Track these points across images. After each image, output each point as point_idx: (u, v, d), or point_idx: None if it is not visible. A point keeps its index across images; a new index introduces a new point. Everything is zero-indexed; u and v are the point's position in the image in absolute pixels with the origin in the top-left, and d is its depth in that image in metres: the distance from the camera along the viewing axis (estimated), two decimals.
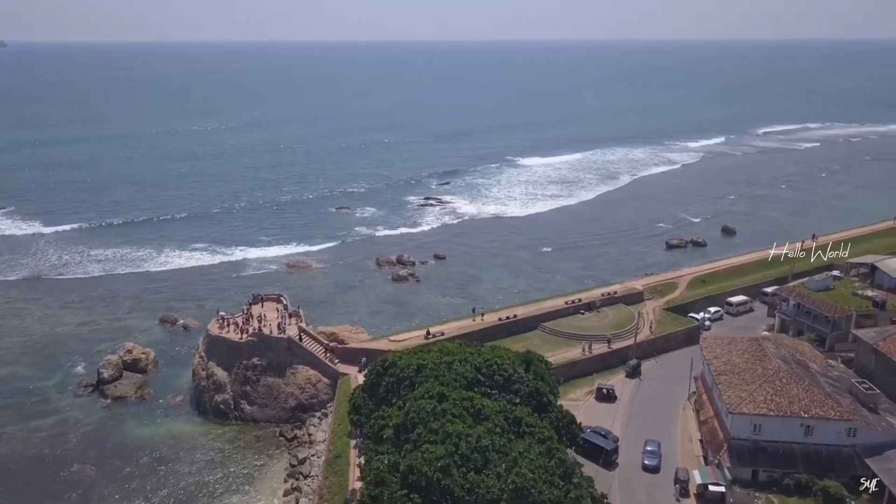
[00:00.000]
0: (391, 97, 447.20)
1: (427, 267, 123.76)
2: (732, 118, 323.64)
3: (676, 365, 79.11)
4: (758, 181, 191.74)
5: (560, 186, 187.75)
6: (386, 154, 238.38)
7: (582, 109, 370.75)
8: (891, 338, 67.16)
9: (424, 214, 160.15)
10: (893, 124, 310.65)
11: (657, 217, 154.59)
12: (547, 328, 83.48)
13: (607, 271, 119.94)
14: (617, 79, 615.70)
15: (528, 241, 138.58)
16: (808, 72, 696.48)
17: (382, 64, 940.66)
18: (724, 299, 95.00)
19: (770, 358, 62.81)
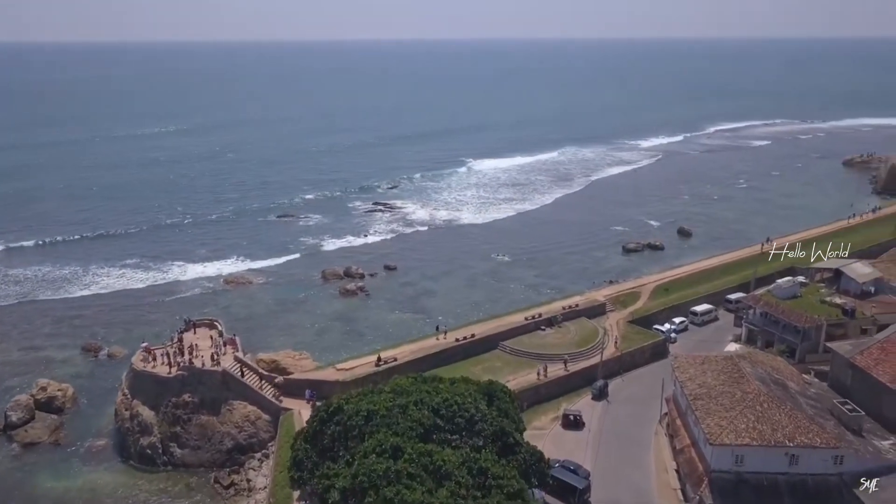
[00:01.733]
0: (349, 99, 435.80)
1: (377, 279, 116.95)
2: (686, 117, 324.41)
3: (644, 383, 74.57)
4: (710, 180, 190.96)
5: (513, 189, 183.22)
6: (336, 158, 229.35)
7: (538, 110, 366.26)
8: (868, 351, 63.72)
9: (373, 221, 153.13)
10: (840, 121, 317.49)
11: (613, 220, 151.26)
12: (507, 347, 77.88)
13: (565, 279, 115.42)
14: (574, 79, 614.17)
15: (482, 248, 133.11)
16: (760, 70, 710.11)
17: (347, 64, 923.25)
18: (689, 308, 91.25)
19: (748, 379, 58.45)
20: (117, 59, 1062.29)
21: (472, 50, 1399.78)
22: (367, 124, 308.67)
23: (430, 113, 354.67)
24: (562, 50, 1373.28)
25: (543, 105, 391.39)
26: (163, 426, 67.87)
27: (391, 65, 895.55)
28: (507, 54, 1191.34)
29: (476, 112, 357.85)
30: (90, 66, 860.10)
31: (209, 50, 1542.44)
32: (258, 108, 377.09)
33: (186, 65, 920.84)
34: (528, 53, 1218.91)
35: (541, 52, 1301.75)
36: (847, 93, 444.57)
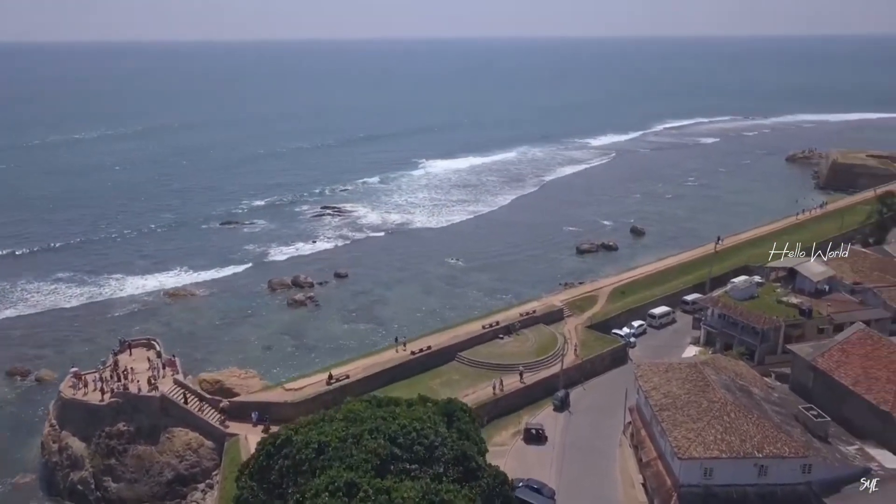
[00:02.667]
0: (305, 100, 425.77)
1: (327, 288, 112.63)
2: (635, 115, 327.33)
3: (606, 391, 72.76)
4: (661, 178, 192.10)
5: (465, 191, 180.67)
6: (284, 162, 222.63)
7: (494, 109, 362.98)
8: (828, 353, 63.04)
9: (322, 226, 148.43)
10: (781, 117, 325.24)
11: (566, 220, 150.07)
12: (465, 359, 74.96)
13: (520, 282, 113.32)
14: (528, 78, 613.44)
15: (435, 252, 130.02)
16: (704, 67, 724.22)
17: (313, 63, 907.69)
18: (647, 311, 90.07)
19: (713, 388, 56.85)
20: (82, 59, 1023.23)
21: (439, 49, 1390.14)
22: (320, 126, 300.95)
23: (386, 114, 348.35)
24: (522, 49, 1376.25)
25: (500, 104, 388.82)
26: (95, 459, 62.62)
27: (355, 65, 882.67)
28: (473, 53, 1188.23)
29: (433, 112, 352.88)
30: (47, 66, 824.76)
31: (178, 49, 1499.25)
32: (209, 111, 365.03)
33: (151, 64, 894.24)
34: (493, 52, 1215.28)
35: (505, 50, 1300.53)
36: (787, 89, 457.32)
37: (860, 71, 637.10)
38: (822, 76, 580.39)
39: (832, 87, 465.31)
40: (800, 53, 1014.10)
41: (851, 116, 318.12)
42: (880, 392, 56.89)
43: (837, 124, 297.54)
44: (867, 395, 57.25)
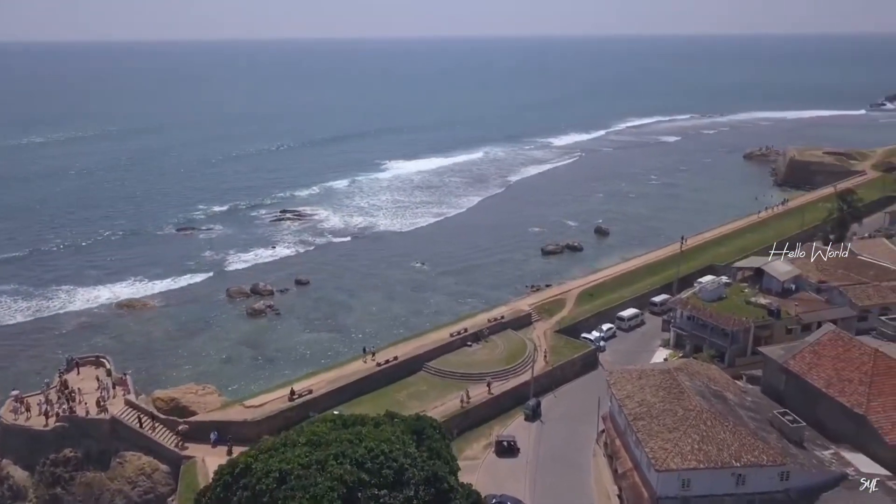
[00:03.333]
0: (275, 100, 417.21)
1: (288, 296, 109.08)
2: (598, 114, 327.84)
3: (577, 398, 71.23)
4: (623, 177, 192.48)
5: (428, 193, 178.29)
6: (243, 165, 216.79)
7: (461, 109, 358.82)
8: (800, 355, 62.39)
9: (282, 231, 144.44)
10: (737, 114, 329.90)
11: (530, 221, 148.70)
12: (432, 368, 72.66)
13: (486, 285, 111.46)
14: (495, 77, 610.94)
15: (399, 256, 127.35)
16: (666, 67, 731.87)
17: (284, 63, 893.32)
18: (615, 314, 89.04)
19: (688, 395, 55.59)
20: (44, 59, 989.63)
21: (413, 48, 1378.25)
22: (285, 127, 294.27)
23: (353, 114, 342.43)
24: (492, 48, 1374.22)
25: (467, 104, 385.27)
26: (39, 489, 58.56)
27: (328, 64, 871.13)
28: (444, 53, 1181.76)
29: (400, 112, 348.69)
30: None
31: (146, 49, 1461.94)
32: (172, 112, 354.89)
33: (115, 64, 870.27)
34: (465, 52, 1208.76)
35: (476, 49, 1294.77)
36: (743, 87, 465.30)
37: (816, 69, 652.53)
38: (778, 74, 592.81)
39: (788, 85, 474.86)
40: (755, 52, 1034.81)
41: (806, 114, 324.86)
42: (853, 395, 56.28)
43: (793, 121, 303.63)
44: (840, 397, 56.62)
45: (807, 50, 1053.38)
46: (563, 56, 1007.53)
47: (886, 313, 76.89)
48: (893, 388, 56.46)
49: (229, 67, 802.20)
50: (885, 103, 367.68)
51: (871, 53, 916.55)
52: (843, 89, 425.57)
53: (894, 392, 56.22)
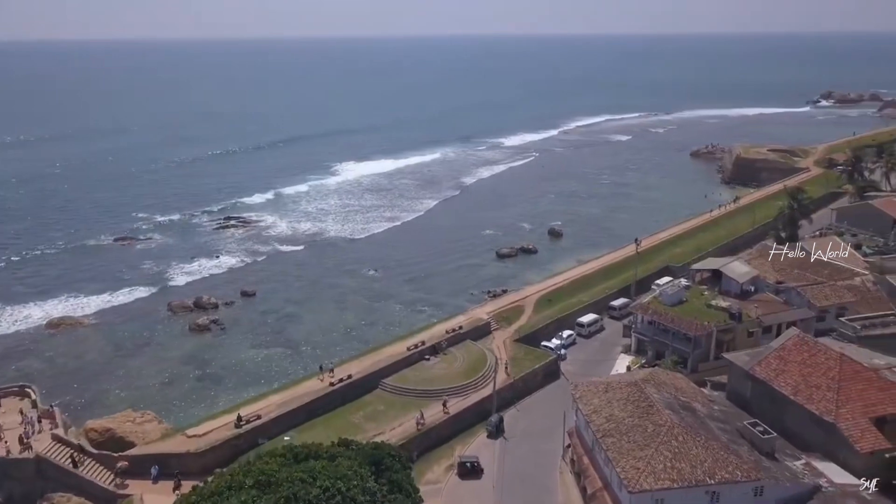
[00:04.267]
0: (224, 102, 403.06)
1: (233, 308, 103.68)
2: (549, 113, 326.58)
3: (540, 411, 68.84)
4: (574, 177, 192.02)
5: (379, 196, 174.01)
6: (189, 169, 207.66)
7: (413, 110, 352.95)
8: (765, 361, 61.12)
9: (226, 239, 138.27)
10: (682, 112, 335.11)
11: (483, 224, 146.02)
12: (389, 386, 69.08)
13: (442, 292, 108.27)
14: (449, 77, 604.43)
15: (350, 262, 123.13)
16: (613, 66, 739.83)
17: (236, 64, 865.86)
18: (574, 320, 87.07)
19: (658, 409, 53.51)
20: None
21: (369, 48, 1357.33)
22: (231, 130, 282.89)
23: (302, 116, 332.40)
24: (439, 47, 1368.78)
25: (419, 105, 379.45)
26: None
27: (273, 64, 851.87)
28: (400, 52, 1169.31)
29: (353, 113, 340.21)
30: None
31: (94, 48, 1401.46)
32: (113, 115, 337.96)
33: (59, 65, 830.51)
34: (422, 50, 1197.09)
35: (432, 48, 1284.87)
36: (688, 85, 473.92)
37: (758, 67, 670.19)
38: (723, 72, 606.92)
39: (731, 83, 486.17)
40: (702, 51, 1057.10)
41: (750, 111, 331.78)
42: (822, 401, 55.11)
43: (736, 119, 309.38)
44: (809, 405, 55.40)
45: (751, 48, 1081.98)
46: (516, 55, 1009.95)
47: (843, 313, 77.05)
48: (860, 394, 55.58)
49: (182, 68, 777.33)
50: (819, 100, 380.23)
51: (810, 52, 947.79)
52: (784, 87, 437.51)
53: (861, 398, 55.35)
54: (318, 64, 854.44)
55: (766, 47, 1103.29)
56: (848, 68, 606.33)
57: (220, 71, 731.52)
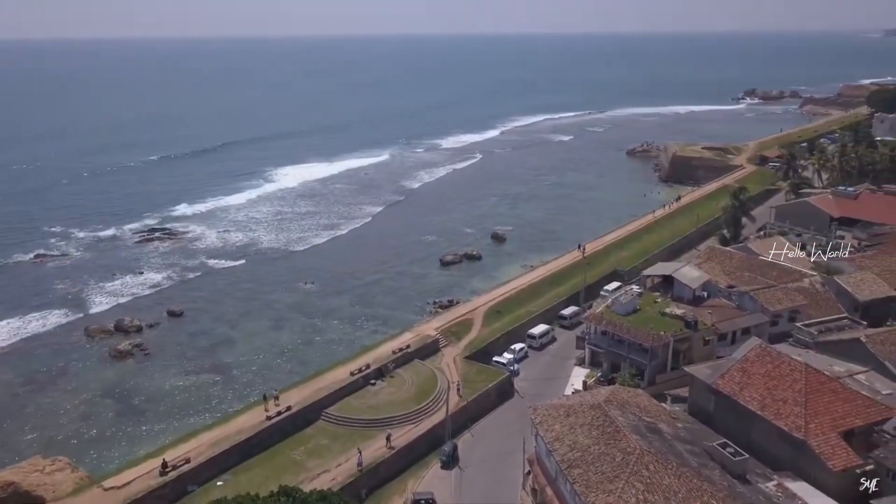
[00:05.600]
0: (156, 104, 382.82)
1: (159, 331, 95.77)
2: (486, 114, 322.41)
3: (496, 435, 64.80)
4: (514, 179, 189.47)
5: (314, 202, 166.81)
6: (111, 178, 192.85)
7: (350, 112, 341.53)
8: (728, 375, 58.63)
9: (151, 254, 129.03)
10: (614, 111, 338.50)
11: (424, 230, 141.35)
12: (332, 416, 63.61)
13: (384, 305, 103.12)
14: (388, 78, 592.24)
15: (285, 276, 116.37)
16: (549, 65, 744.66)
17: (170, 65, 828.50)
18: (525, 332, 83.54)
19: (624, 434, 50.03)
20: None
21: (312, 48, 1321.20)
22: (158, 137, 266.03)
23: (235, 119, 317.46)
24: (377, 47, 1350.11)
25: (358, 106, 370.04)
26: None
27: (209, 65, 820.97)
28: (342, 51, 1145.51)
29: (284, 116, 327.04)
30: None
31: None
32: (35, 121, 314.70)
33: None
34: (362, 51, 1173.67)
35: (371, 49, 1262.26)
36: (618, 84, 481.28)
37: (688, 65, 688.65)
38: (652, 71, 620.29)
39: (661, 82, 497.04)
40: (634, 49, 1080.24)
41: (681, 108, 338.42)
42: (790, 417, 52.84)
43: (668, 116, 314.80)
44: (777, 420, 53.03)
45: (678, 48, 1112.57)
46: (455, 55, 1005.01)
47: (796, 317, 76.10)
48: (827, 407, 53.62)
49: (122, 70, 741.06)
50: (744, 97, 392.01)
51: (735, 51, 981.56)
52: (711, 85, 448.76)
53: (829, 410, 53.39)
54: (260, 65, 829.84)
55: (692, 46, 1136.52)
56: (769, 67, 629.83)
57: (156, 72, 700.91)
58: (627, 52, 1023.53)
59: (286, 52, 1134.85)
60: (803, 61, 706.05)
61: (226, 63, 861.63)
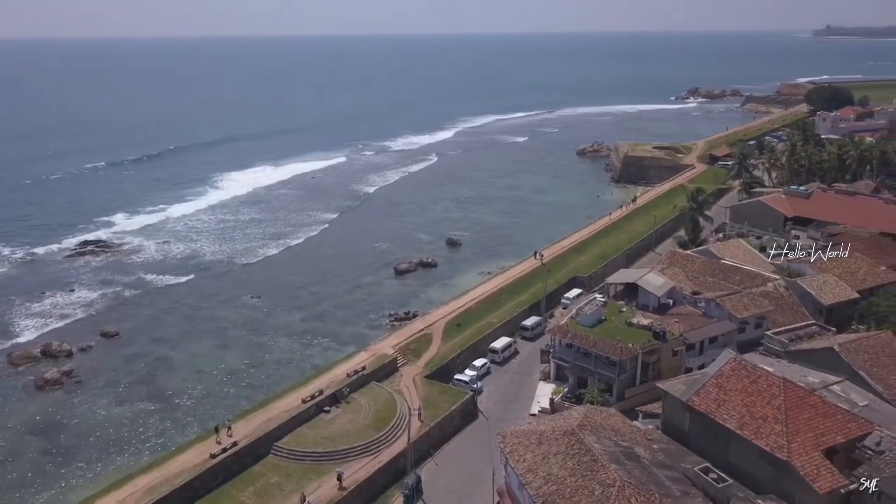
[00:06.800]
0: (101, 107, 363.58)
1: (92, 355, 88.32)
2: (436, 116, 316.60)
3: (461, 461, 60.80)
4: (467, 181, 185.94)
5: (262, 210, 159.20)
6: (40, 190, 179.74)
7: (300, 115, 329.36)
8: (703, 391, 55.87)
9: (83, 269, 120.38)
10: (562, 109, 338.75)
11: (378, 237, 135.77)
12: (283, 450, 58.40)
13: (337, 319, 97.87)
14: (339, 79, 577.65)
15: (230, 290, 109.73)
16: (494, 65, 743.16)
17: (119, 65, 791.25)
18: (486, 346, 79.78)
19: (601, 463, 46.58)
20: None
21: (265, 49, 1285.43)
22: (98, 142, 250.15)
23: (185, 123, 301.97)
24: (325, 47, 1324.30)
25: (309, 109, 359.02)
26: None
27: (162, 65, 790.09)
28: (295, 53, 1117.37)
29: (233, 119, 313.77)
30: None
31: None
32: None
33: None
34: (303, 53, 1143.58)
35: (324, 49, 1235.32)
36: (566, 83, 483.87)
37: (633, 65, 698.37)
38: (601, 70, 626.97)
39: (608, 81, 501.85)
40: (579, 49, 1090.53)
41: (629, 108, 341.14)
42: (771, 436, 50.24)
43: (618, 115, 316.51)
44: (758, 440, 50.35)
45: (621, 48, 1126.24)
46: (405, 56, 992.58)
47: (762, 323, 74.49)
48: (808, 423, 51.21)
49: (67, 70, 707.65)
50: (688, 96, 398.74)
51: (676, 51, 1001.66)
52: (657, 83, 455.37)
53: (810, 427, 50.99)
54: (211, 65, 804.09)
55: (632, 48, 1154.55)
56: (708, 66, 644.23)
57: (102, 73, 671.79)
58: (570, 51, 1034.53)
59: (239, 53, 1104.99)
60: (740, 61, 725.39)
61: (173, 63, 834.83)
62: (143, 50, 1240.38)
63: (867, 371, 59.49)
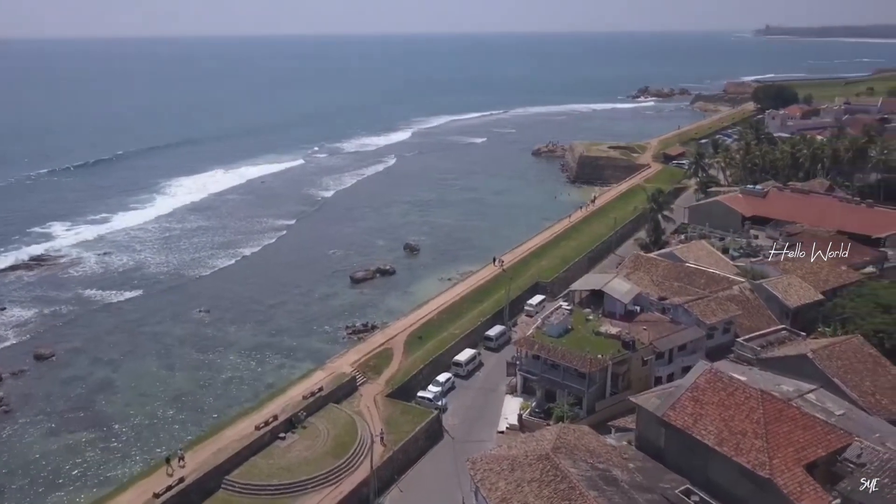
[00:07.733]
0: (44, 110, 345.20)
1: (24, 380, 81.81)
2: (389, 117, 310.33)
3: (427, 488, 57.53)
4: (423, 183, 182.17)
5: (209, 218, 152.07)
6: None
7: (250, 117, 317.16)
8: (679, 405, 53.61)
9: (14, 286, 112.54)
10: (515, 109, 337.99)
11: (332, 244, 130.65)
12: (236, 484, 53.92)
13: (291, 333, 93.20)
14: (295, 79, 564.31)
15: (175, 303, 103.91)
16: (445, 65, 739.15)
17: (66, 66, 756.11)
18: (450, 359, 76.45)
19: (580, 491, 43.78)
20: None
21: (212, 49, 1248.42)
22: (35, 148, 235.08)
23: (130, 127, 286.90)
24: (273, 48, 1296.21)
25: (259, 111, 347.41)
26: None
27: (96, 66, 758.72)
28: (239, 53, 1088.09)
29: (182, 122, 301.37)
30: None
31: None
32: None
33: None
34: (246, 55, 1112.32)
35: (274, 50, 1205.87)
36: (519, 83, 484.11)
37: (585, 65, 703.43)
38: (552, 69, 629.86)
39: (561, 80, 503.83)
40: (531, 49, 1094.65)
41: (581, 107, 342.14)
42: (752, 452, 48.14)
43: (571, 114, 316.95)
44: (738, 456, 48.24)
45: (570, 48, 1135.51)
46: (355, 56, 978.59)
47: (730, 328, 73.12)
48: (788, 437, 49.32)
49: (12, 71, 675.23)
50: (638, 95, 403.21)
51: (623, 51, 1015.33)
52: (607, 83, 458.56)
53: (790, 441, 49.08)
54: (161, 66, 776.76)
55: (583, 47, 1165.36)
56: (656, 65, 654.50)
57: (33, 74, 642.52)
58: (522, 51, 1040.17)
59: (192, 54, 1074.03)
60: (686, 60, 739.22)
61: (122, 64, 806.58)
62: (77, 51, 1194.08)
63: (841, 378, 58.12)
